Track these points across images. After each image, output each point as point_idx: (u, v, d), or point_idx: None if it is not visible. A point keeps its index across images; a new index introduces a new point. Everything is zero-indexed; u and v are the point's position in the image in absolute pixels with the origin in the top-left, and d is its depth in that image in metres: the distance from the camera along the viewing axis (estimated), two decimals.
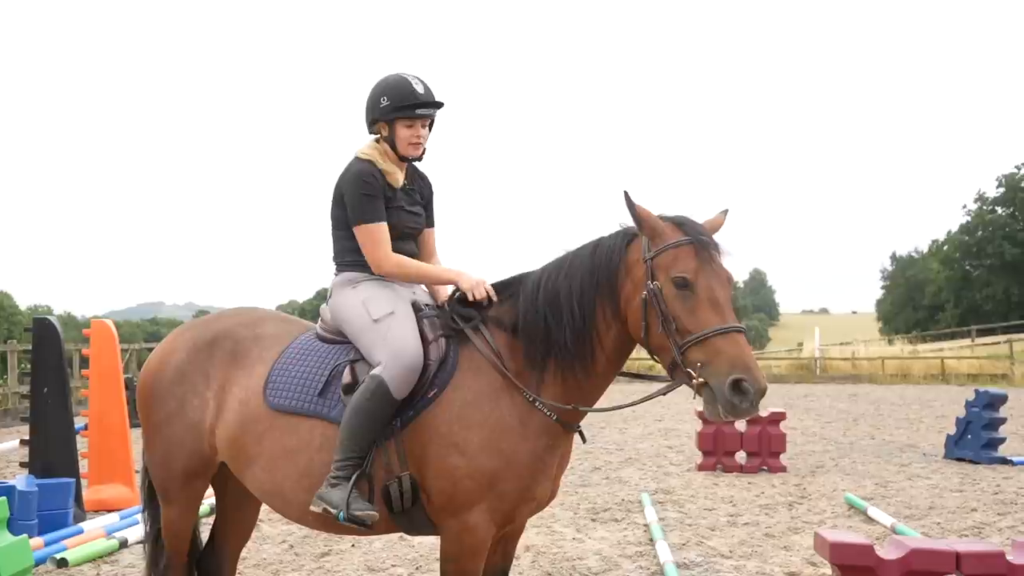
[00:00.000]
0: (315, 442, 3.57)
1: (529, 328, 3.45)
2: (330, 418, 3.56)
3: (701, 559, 6.54)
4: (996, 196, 59.97)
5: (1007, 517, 8.20)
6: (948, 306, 60.27)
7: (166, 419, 3.87)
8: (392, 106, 3.70)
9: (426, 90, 3.74)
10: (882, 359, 34.93)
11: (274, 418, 3.65)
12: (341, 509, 3.35)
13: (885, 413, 19.49)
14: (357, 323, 3.63)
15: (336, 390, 3.60)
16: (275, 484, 3.65)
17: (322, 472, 3.50)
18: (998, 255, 56.56)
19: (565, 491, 9.28)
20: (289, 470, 3.60)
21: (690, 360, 3.14)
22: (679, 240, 3.25)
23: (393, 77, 3.75)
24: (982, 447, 11.74)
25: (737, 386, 3.06)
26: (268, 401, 3.67)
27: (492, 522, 3.43)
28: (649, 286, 3.23)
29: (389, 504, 3.48)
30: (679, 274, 3.18)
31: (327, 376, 3.64)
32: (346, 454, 3.42)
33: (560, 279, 3.45)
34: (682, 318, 3.17)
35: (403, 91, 3.70)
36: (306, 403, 3.61)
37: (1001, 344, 39.25)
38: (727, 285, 3.27)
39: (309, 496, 3.51)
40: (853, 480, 10.32)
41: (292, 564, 6.41)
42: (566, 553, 6.72)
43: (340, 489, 3.40)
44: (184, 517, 4.00)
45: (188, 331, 4.04)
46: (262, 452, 3.66)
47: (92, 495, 8.41)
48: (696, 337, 3.14)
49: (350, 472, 3.42)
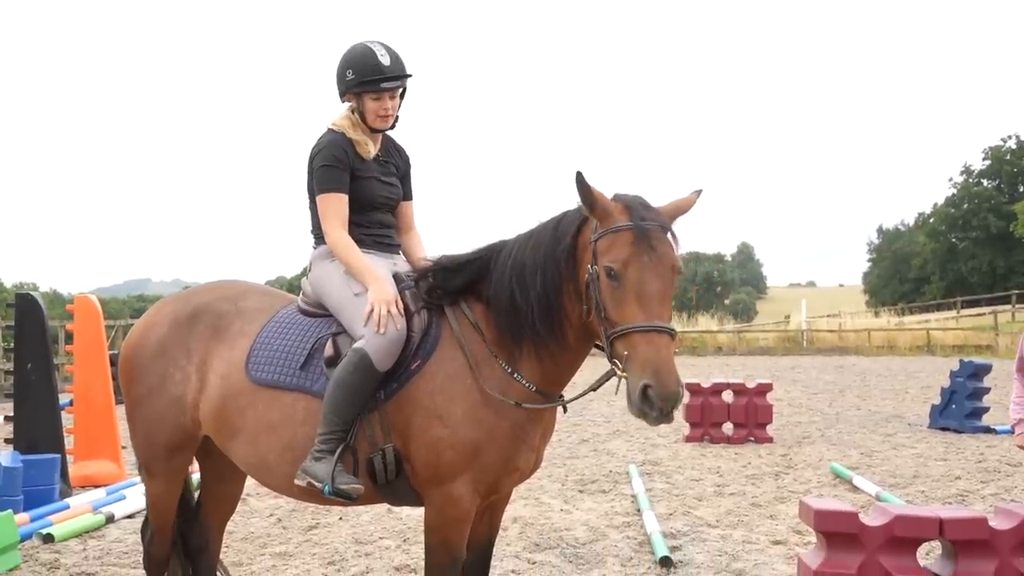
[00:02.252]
0: (298, 416, 3.55)
1: (499, 301, 3.41)
2: (313, 391, 3.54)
3: (688, 529, 6.58)
4: (982, 168, 60.19)
5: (990, 485, 8.28)
6: (934, 278, 60.62)
7: (147, 394, 3.84)
8: (357, 80, 3.62)
9: (393, 61, 3.64)
10: (868, 331, 35.13)
11: (256, 392, 3.62)
12: (326, 483, 3.34)
13: (871, 384, 19.62)
14: (338, 297, 3.60)
15: (318, 363, 3.57)
16: (259, 457, 3.64)
17: (305, 445, 3.48)
18: (984, 227, 56.83)
19: (553, 463, 9.32)
20: (272, 443, 3.58)
21: (615, 351, 3.06)
22: (619, 225, 3.10)
23: (359, 47, 3.66)
24: (966, 416, 11.84)
25: (644, 393, 2.93)
26: (250, 375, 3.64)
27: (475, 492, 3.42)
28: (590, 270, 3.15)
29: (373, 476, 3.46)
30: (609, 263, 3.06)
31: (309, 349, 3.61)
32: (330, 428, 3.40)
33: (526, 252, 3.39)
34: (609, 308, 3.07)
35: (368, 64, 3.61)
36: (288, 376, 3.59)
37: (986, 315, 39.52)
38: (664, 277, 3.07)
39: (293, 469, 3.49)
40: (839, 450, 10.40)
41: (280, 537, 6.41)
42: (554, 524, 6.75)
43: (325, 463, 3.38)
44: (168, 491, 3.98)
45: (168, 305, 3.99)
46: (245, 425, 3.63)
47: (78, 471, 8.39)
48: (618, 330, 3.03)
49: (334, 446, 3.40)
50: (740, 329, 41.14)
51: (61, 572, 5.56)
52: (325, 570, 5.56)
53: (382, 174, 3.78)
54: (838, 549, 3.69)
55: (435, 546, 3.47)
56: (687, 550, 5.98)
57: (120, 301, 74.09)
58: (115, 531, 6.63)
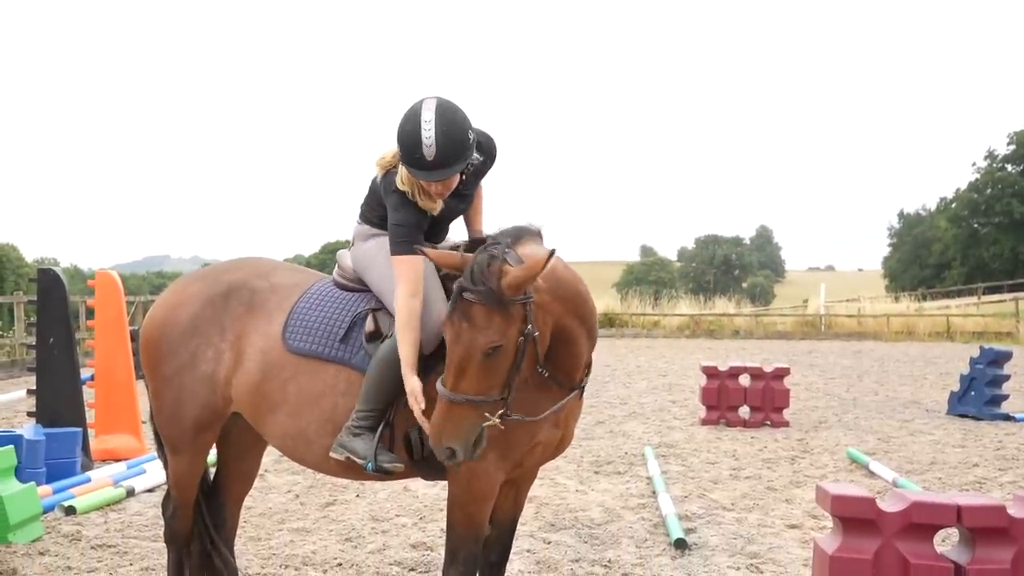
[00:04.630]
0: (340, 387, 3.59)
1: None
2: (352, 364, 3.57)
3: (703, 511, 6.59)
4: (1007, 153, 59.45)
5: (1008, 472, 8.24)
6: (955, 264, 60.10)
7: (177, 371, 3.85)
8: (403, 161, 3.42)
9: (441, 150, 3.30)
10: (887, 316, 34.85)
11: (299, 364, 3.64)
12: (369, 460, 3.40)
13: (889, 370, 19.52)
14: (380, 277, 3.62)
15: (358, 337, 3.60)
16: (299, 429, 3.65)
17: (344, 417, 3.53)
18: (1007, 213, 56.22)
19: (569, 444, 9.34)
20: (314, 415, 3.61)
21: None
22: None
23: (409, 125, 3.33)
24: (985, 403, 11.76)
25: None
26: (287, 344, 3.66)
27: (500, 469, 3.45)
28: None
29: (410, 451, 3.51)
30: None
31: (349, 322, 3.64)
32: (371, 405, 3.44)
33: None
34: None
35: (412, 152, 3.33)
36: (329, 348, 3.61)
37: (1007, 302, 39.12)
38: (457, 344, 3.06)
39: (332, 440, 3.54)
40: (855, 435, 10.36)
41: (297, 513, 6.47)
42: (569, 504, 6.77)
43: (365, 440, 3.42)
44: (192, 468, 4.02)
45: (198, 282, 3.98)
46: (287, 398, 3.65)
47: (99, 445, 8.48)
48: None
49: (374, 423, 3.44)
50: (758, 313, 40.99)
51: (83, 544, 5.64)
52: (342, 546, 5.62)
53: (451, 204, 3.64)
54: (855, 534, 3.68)
55: (458, 521, 3.49)
56: (702, 532, 5.99)
57: (139, 277, 74.62)
58: (135, 504, 6.72)
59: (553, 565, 5.26)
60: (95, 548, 5.55)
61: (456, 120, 3.34)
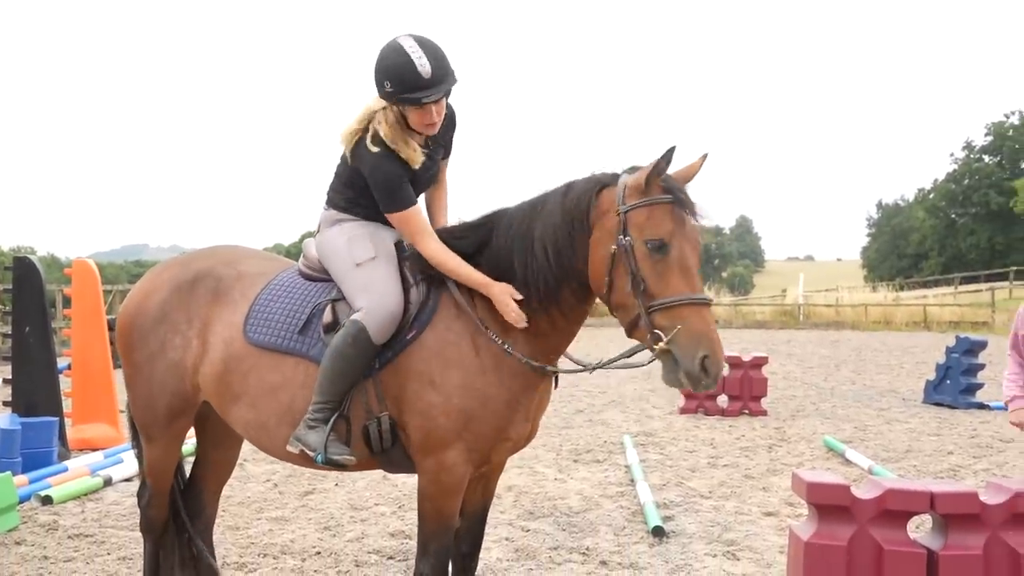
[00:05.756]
0: (298, 379, 3.57)
1: (502, 269, 3.41)
2: (310, 356, 3.55)
3: (681, 499, 6.63)
4: (984, 144, 59.94)
5: (982, 460, 8.34)
6: (932, 254, 60.60)
7: (148, 359, 3.84)
8: (396, 92, 3.35)
9: (435, 68, 3.31)
10: (865, 306, 35.17)
11: (259, 356, 3.63)
12: (319, 452, 3.37)
13: (866, 359, 19.69)
14: (340, 266, 3.59)
15: (317, 328, 3.58)
16: (260, 421, 3.65)
17: (305, 409, 3.50)
18: (983, 204, 56.71)
19: (548, 433, 9.37)
20: (273, 407, 3.60)
21: (655, 324, 3.08)
22: (657, 197, 3.12)
23: (396, 54, 3.32)
24: (960, 392, 11.90)
25: (703, 365, 3.02)
26: (248, 337, 3.65)
27: (468, 461, 3.44)
28: (621, 241, 3.14)
29: (369, 443, 3.49)
30: (654, 236, 3.08)
31: (308, 314, 3.61)
32: (324, 397, 3.42)
33: (532, 222, 3.37)
34: (651, 280, 3.08)
35: (406, 77, 3.30)
36: (287, 340, 3.59)
37: (983, 292, 39.59)
38: (697, 250, 3.16)
39: (292, 432, 3.52)
40: (832, 424, 10.46)
41: (276, 502, 6.46)
42: (548, 493, 6.80)
43: (317, 432, 3.40)
44: (167, 456, 4.00)
45: (167, 270, 3.98)
46: (247, 389, 3.64)
47: (76, 434, 8.43)
48: (663, 302, 3.07)
49: (327, 415, 3.42)
50: (737, 302, 41.18)
51: (59, 533, 5.61)
52: (320, 535, 5.61)
53: (427, 164, 3.61)
54: (829, 521, 3.71)
55: (428, 513, 3.50)
56: (679, 520, 6.03)
57: (117, 266, 73.94)
58: (112, 494, 6.68)
59: (531, 553, 5.28)
60: (72, 538, 5.53)
61: (433, 41, 3.39)
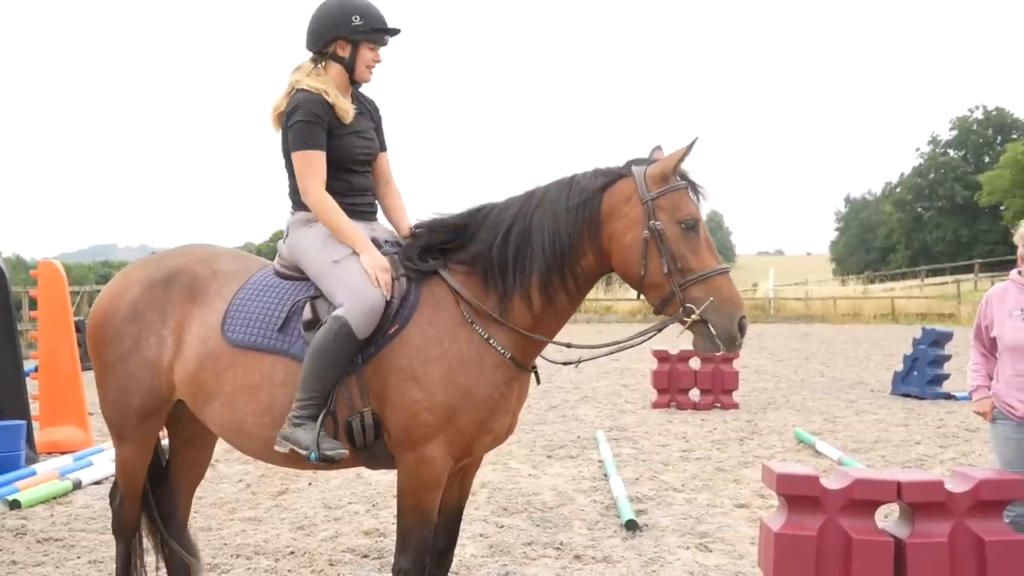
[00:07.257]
0: (277, 378, 3.55)
1: (500, 263, 3.45)
2: (290, 354, 3.54)
3: (654, 493, 6.68)
4: (949, 139, 60.73)
5: (949, 449, 8.47)
6: (900, 247, 61.32)
7: (121, 357, 3.81)
8: (367, 27, 3.60)
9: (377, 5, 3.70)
10: (834, 299, 35.53)
11: (235, 354, 3.61)
12: (312, 449, 3.36)
13: (836, 352, 19.91)
14: (317, 265, 3.58)
15: (296, 326, 3.57)
16: (237, 421, 3.63)
17: (284, 408, 3.48)
18: (949, 197, 57.45)
19: (522, 429, 9.39)
20: (251, 406, 3.58)
21: (690, 297, 3.33)
22: (677, 184, 3.37)
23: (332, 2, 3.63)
24: (927, 383, 12.07)
25: (740, 324, 3.32)
26: (227, 336, 3.63)
27: (449, 455, 3.46)
28: (652, 225, 3.33)
29: (351, 439, 3.49)
30: (686, 216, 3.34)
31: (287, 312, 3.60)
32: (309, 393, 3.41)
33: (536, 214, 3.45)
34: (687, 257, 3.33)
35: (372, 12, 3.62)
36: (266, 339, 3.58)
37: (949, 284, 40.10)
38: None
39: (271, 432, 3.50)
40: (803, 416, 10.57)
41: (249, 503, 6.43)
42: (522, 489, 6.82)
43: (306, 429, 3.39)
44: (138, 456, 3.96)
45: (140, 269, 3.94)
46: (223, 389, 3.62)
47: (45, 437, 8.33)
48: (699, 275, 3.32)
49: (315, 411, 3.41)
50: None
51: (28, 538, 5.55)
52: (294, 534, 5.60)
53: (360, 128, 3.73)
54: (799, 512, 3.76)
55: (408, 509, 3.50)
56: (653, 514, 6.07)
57: (85, 267, 73.00)
58: (83, 497, 6.62)
59: (506, 549, 5.29)
60: (41, 542, 5.47)
61: None
